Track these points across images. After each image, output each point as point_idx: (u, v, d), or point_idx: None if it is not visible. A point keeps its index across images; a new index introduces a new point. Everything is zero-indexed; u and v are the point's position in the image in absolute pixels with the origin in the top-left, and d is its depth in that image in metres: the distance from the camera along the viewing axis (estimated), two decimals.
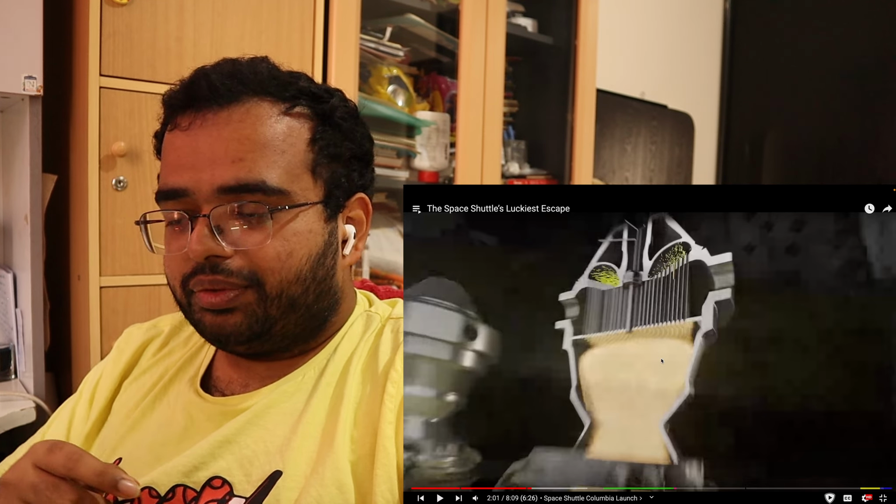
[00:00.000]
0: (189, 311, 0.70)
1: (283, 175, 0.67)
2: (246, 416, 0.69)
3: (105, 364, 0.84)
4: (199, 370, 0.78)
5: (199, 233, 0.65)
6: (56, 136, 1.36)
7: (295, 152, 0.69)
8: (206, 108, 0.67)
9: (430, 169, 1.87)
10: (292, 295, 0.68)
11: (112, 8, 1.25)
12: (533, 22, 2.13)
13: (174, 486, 0.67)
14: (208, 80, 0.68)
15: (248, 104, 0.68)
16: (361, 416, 0.68)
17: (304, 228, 0.68)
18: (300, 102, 0.70)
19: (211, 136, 0.66)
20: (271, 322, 0.68)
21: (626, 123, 2.78)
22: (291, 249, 0.67)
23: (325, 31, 1.55)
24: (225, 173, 0.65)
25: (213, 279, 0.66)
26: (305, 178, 0.69)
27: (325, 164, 0.71)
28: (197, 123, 0.67)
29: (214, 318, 0.68)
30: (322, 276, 0.71)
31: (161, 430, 0.73)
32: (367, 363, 0.72)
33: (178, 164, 0.68)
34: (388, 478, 0.64)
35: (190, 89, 0.69)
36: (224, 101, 0.67)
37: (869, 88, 2.92)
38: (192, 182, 0.66)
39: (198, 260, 0.66)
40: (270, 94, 0.69)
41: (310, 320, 0.72)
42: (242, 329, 0.68)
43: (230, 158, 0.66)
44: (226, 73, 0.68)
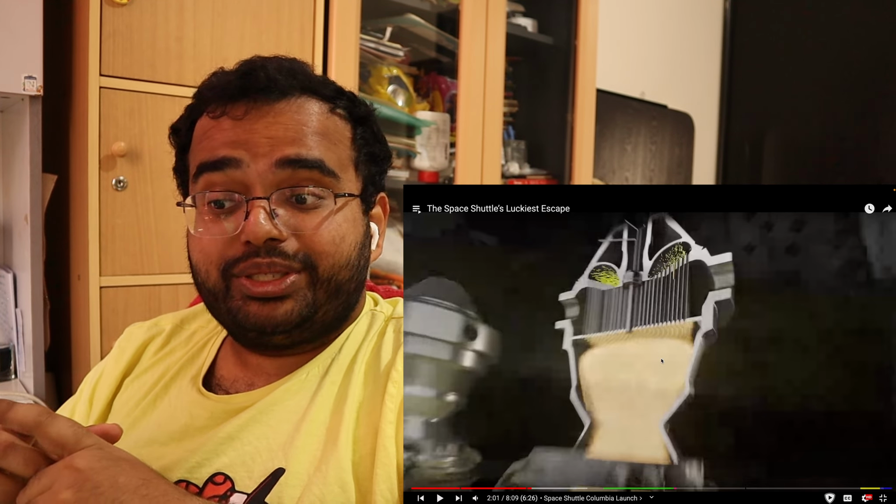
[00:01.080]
0: (226, 297, 0.69)
1: (336, 162, 0.70)
2: (249, 413, 0.69)
3: (106, 363, 0.84)
4: (201, 369, 0.78)
5: (257, 215, 0.65)
6: (56, 136, 1.36)
7: (343, 147, 0.72)
8: (262, 100, 0.68)
9: (430, 169, 1.87)
10: (340, 280, 0.70)
11: (112, 8, 1.25)
12: (533, 22, 2.13)
13: (176, 481, 0.67)
14: (266, 72, 0.69)
15: (301, 99, 0.70)
16: (364, 416, 0.68)
17: (351, 217, 0.71)
18: (340, 103, 0.73)
19: (268, 121, 0.68)
20: (317, 307, 0.69)
21: (626, 123, 2.78)
22: (344, 234, 0.69)
23: (325, 31, 1.55)
24: (285, 148, 0.67)
25: (270, 262, 0.66)
26: (350, 171, 0.72)
27: (364, 162, 0.74)
28: (252, 112, 0.68)
29: (262, 307, 0.67)
30: (363, 266, 0.73)
31: (162, 427, 0.73)
32: (369, 363, 0.72)
33: (231, 140, 0.67)
34: (387, 477, 0.64)
35: (246, 80, 0.69)
36: (279, 94, 0.69)
37: (869, 88, 2.92)
38: (247, 155, 0.66)
39: (258, 243, 0.65)
40: (316, 93, 0.71)
41: (345, 309, 0.73)
42: (293, 316, 0.68)
43: (290, 138, 0.67)
44: (280, 68, 0.70)
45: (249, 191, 0.67)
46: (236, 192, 0.67)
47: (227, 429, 0.68)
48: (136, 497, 0.54)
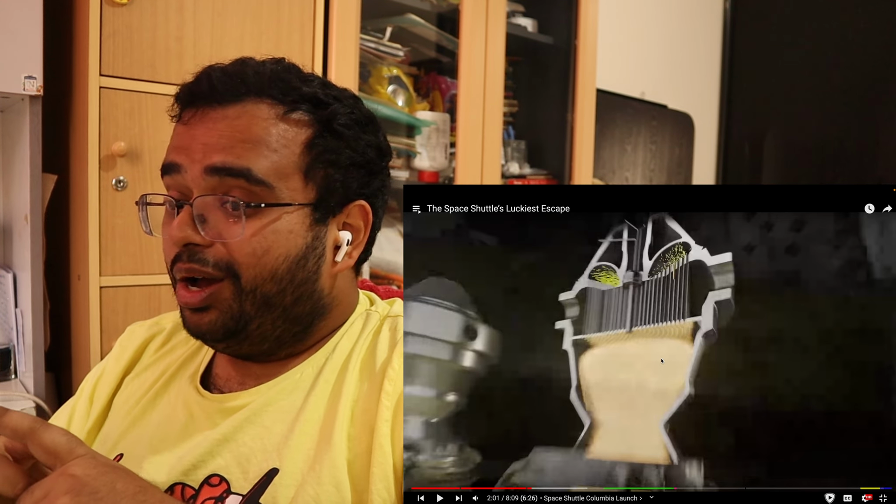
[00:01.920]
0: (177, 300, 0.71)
1: (271, 170, 0.68)
2: (244, 414, 0.69)
3: (107, 362, 0.85)
4: (199, 367, 0.78)
5: (180, 219, 0.67)
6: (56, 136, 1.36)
7: (288, 153, 0.69)
8: (205, 105, 0.69)
9: (430, 169, 1.87)
10: (267, 293, 0.68)
11: (112, 8, 1.25)
12: (533, 22, 2.13)
13: (173, 484, 0.67)
14: (209, 79, 0.69)
15: (247, 104, 0.69)
16: (359, 414, 0.68)
17: (284, 228, 0.68)
18: (299, 108, 0.70)
19: (207, 126, 0.68)
20: (246, 319, 0.68)
21: (626, 123, 2.78)
22: (268, 247, 0.68)
23: (325, 31, 1.55)
24: (214, 156, 0.67)
25: (189, 267, 0.67)
26: (295, 178, 0.69)
27: (320, 169, 0.71)
28: (197, 118, 0.69)
29: (192, 316, 0.69)
30: (302, 280, 0.70)
31: (161, 426, 0.73)
32: (365, 361, 0.72)
33: (176, 146, 0.69)
34: (384, 476, 0.64)
35: (193, 87, 0.70)
36: (223, 99, 0.68)
37: (869, 88, 2.92)
38: (185, 160, 0.68)
39: (177, 245, 0.67)
40: (270, 97, 0.70)
41: (290, 323, 0.71)
42: (217, 326, 0.68)
43: (221, 145, 0.67)
44: (230, 72, 0.70)
45: (191, 195, 0.68)
46: (181, 196, 0.69)
47: (222, 430, 0.69)
48: (134, 502, 0.54)
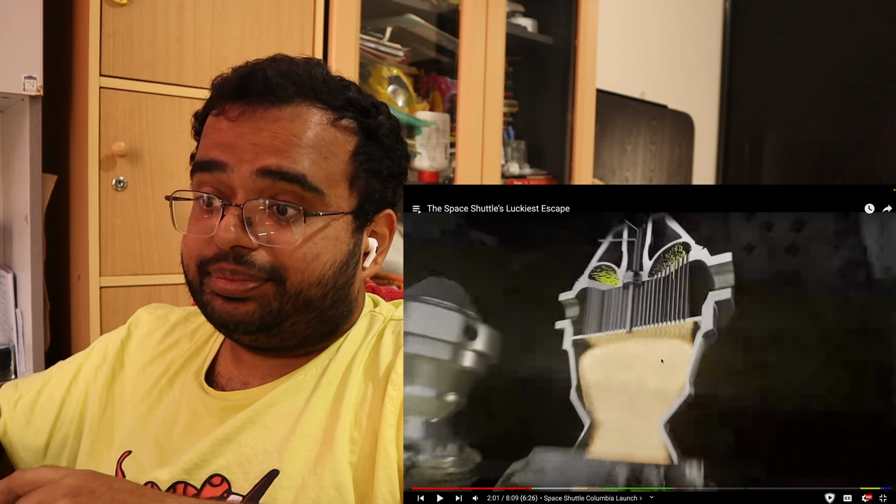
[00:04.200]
0: (199, 291, 0.69)
1: (323, 177, 0.67)
2: (246, 414, 0.69)
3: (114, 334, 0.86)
4: (204, 363, 0.78)
5: (228, 221, 0.65)
6: (56, 136, 1.36)
7: (337, 161, 0.69)
8: (257, 103, 0.67)
9: (430, 169, 1.87)
10: (310, 297, 0.68)
11: (112, 8, 1.25)
12: (533, 22, 2.13)
13: (175, 482, 0.67)
14: (265, 75, 0.67)
15: (300, 107, 0.68)
16: (362, 418, 0.68)
17: (333, 235, 0.69)
18: (348, 114, 0.70)
19: (259, 127, 0.66)
20: (283, 317, 0.68)
21: (626, 123, 2.78)
22: (318, 253, 0.68)
23: (325, 31, 1.55)
24: (268, 158, 0.65)
25: (234, 269, 0.66)
26: (342, 187, 0.69)
27: (363, 178, 0.71)
28: (246, 115, 0.67)
29: (225, 305, 0.67)
30: (342, 284, 0.71)
31: (166, 425, 0.73)
32: (368, 364, 0.72)
33: (221, 142, 0.67)
34: (388, 480, 0.64)
35: (245, 81, 0.68)
36: (277, 99, 0.67)
37: (869, 88, 2.92)
38: (233, 159, 0.66)
39: (223, 248, 0.65)
40: (321, 101, 0.69)
41: (322, 324, 0.72)
42: (254, 318, 0.67)
43: (275, 148, 0.66)
44: (282, 71, 0.68)
45: (233, 194, 0.66)
46: (219, 194, 0.67)
47: (224, 430, 0.69)
48: (133, 497, 0.54)
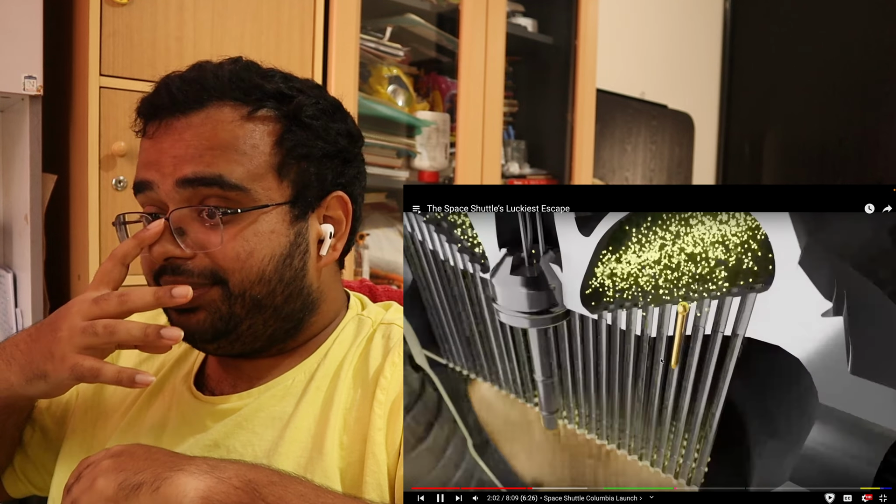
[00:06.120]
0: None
1: (243, 173, 0.67)
2: (234, 420, 0.69)
3: None
4: (192, 367, 0.78)
5: (158, 234, 0.66)
6: (56, 136, 1.36)
7: (258, 154, 0.69)
8: (168, 116, 0.68)
9: (430, 169, 1.87)
10: (256, 295, 0.68)
11: (112, 8, 1.25)
12: (533, 22, 2.13)
13: None
14: (168, 89, 0.69)
15: (209, 110, 0.68)
16: (351, 422, 0.68)
17: (265, 229, 0.68)
18: (264, 105, 0.70)
19: (173, 138, 0.68)
20: (237, 321, 0.68)
21: (626, 123, 2.78)
22: (252, 249, 0.67)
23: (325, 31, 1.55)
24: (185, 168, 0.66)
25: (175, 280, 0.67)
26: (269, 178, 0.69)
27: (293, 165, 0.70)
28: (161, 131, 0.68)
29: (179, 317, 0.68)
30: (290, 278, 0.70)
31: (154, 430, 0.73)
32: (357, 368, 0.72)
33: (147, 161, 0.69)
34: (377, 485, 0.64)
35: (153, 99, 0.70)
36: (185, 108, 0.68)
37: (869, 88, 2.92)
38: (157, 175, 0.67)
39: (158, 261, 0.67)
40: (232, 99, 0.69)
41: (281, 321, 0.71)
42: (206, 327, 0.68)
43: (190, 156, 0.67)
44: (188, 79, 0.69)
45: (167, 209, 0.67)
46: (159, 211, 0.68)
47: (212, 435, 0.69)
48: (169, 457, 0.57)
